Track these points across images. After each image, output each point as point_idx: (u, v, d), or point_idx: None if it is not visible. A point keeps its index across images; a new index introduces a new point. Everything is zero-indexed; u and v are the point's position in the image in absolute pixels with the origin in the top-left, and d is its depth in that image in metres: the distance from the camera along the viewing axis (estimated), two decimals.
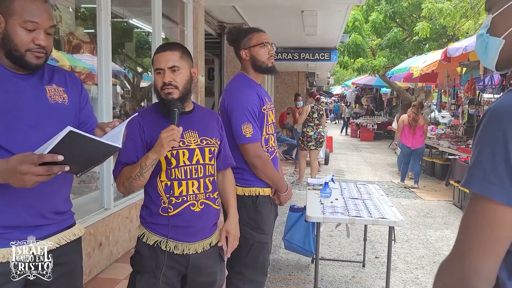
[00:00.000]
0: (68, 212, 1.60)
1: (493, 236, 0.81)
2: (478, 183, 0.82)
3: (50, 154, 1.17)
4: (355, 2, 6.25)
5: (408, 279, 3.78)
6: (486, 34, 0.97)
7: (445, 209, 6.34)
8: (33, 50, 1.39)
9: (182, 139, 1.73)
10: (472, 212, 0.84)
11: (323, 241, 4.64)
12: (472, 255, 0.83)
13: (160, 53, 1.74)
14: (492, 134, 0.82)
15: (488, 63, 0.99)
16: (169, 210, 1.73)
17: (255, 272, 2.41)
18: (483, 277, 0.82)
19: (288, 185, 2.50)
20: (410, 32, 13.24)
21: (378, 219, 2.78)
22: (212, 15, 6.99)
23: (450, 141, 8.72)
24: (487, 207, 0.81)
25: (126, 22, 6.51)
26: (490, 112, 0.84)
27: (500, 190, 0.79)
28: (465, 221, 0.86)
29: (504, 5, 0.93)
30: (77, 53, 4.42)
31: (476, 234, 0.83)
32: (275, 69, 2.45)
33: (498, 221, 0.81)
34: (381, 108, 20.68)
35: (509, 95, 0.84)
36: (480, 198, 0.82)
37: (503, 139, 0.80)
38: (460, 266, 0.84)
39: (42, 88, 1.48)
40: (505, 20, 0.93)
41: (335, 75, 30.36)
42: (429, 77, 10.70)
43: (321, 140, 7.86)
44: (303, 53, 10.94)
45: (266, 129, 2.39)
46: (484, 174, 0.81)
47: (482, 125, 0.85)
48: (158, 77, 1.74)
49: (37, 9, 1.38)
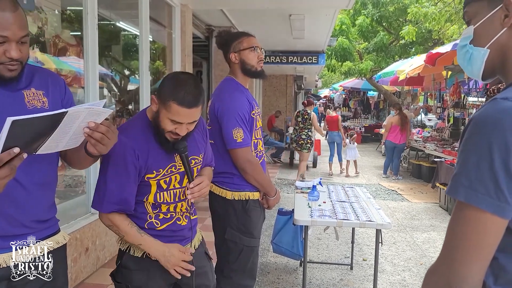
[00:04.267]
0: (51, 219, 1.55)
1: (479, 244, 0.82)
2: (464, 192, 0.83)
3: (6, 152, 1.13)
4: (342, 6, 6.30)
5: (395, 281, 3.81)
6: (469, 45, 0.99)
7: (432, 211, 6.41)
8: (5, 63, 1.33)
9: (174, 163, 1.69)
10: (458, 220, 0.85)
11: (311, 244, 4.65)
12: (458, 262, 0.84)
13: (186, 110, 1.55)
14: (477, 143, 0.83)
15: (474, 74, 1.01)
16: (156, 224, 1.72)
17: (244, 277, 2.41)
18: (470, 283, 0.83)
19: (277, 189, 2.51)
20: (397, 36, 13.41)
21: (365, 222, 2.81)
22: (200, 18, 6.99)
23: (436, 143, 8.84)
24: (472, 215, 0.82)
25: (113, 25, 6.47)
26: (474, 120, 0.85)
27: (486, 198, 0.80)
28: (451, 228, 0.87)
29: (485, 16, 0.95)
30: (63, 55, 4.38)
31: (462, 241, 0.84)
32: (264, 73, 2.45)
33: (484, 229, 0.82)
34: (368, 111, 20.85)
35: (492, 104, 0.85)
36: (466, 206, 0.83)
37: (488, 148, 0.80)
38: (447, 272, 0.85)
39: (20, 93, 1.42)
40: (488, 30, 0.95)
41: (323, 78, 30.52)
42: (415, 81, 10.85)
43: (300, 142, 8.14)
44: (291, 57, 10.98)
45: (255, 134, 2.40)
46: (469, 183, 0.82)
47: (467, 133, 0.86)
48: (171, 125, 1.58)
49: (5, 21, 1.29)
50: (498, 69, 0.96)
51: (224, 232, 2.35)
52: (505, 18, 0.92)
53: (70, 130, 1.27)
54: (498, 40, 0.93)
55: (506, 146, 0.79)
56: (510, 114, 0.81)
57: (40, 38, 4.29)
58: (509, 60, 0.93)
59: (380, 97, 18.69)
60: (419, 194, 7.62)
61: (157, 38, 6.30)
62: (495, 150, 0.80)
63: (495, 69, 0.96)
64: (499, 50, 0.94)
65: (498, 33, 0.93)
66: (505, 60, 0.94)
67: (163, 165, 1.67)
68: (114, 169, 1.61)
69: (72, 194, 4.29)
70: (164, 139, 1.62)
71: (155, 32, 5.89)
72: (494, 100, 0.85)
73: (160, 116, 1.59)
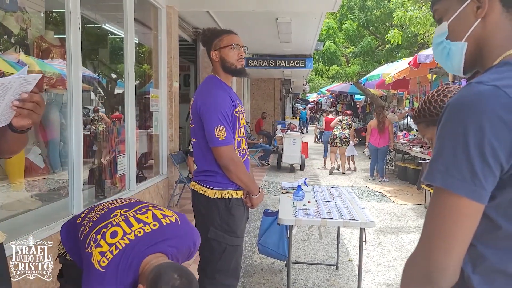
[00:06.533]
0: None
1: (455, 230, 0.82)
2: (440, 177, 0.83)
3: None
4: (328, 9, 6.34)
5: (380, 281, 3.82)
6: (446, 41, 0.99)
7: (417, 213, 6.46)
8: None
9: None
10: (435, 206, 0.85)
11: (297, 244, 4.66)
12: (437, 250, 0.84)
13: None
14: (452, 128, 0.83)
15: (454, 69, 1.01)
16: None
17: (228, 276, 2.39)
18: (449, 271, 0.84)
19: (260, 188, 2.51)
20: (383, 40, 13.54)
21: (349, 220, 2.82)
22: (187, 20, 6.98)
23: (422, 146, 8.92)
24: (449, 200, 0.82)
25: (99, 27, 6.43)
26: (450, 106, 0.85)
27: (461, 183, 0.80)
28: (429, 215, 0.87)
29: (457, 10, 0.96)
30: (47, 57, 4.34)
31: (439, 227, 0.84)
32: (245, 71, 2.45)
33: (460, 214, 0.82)
34: (355, 115, 20.99)
35: (467, 88, 0.85)
36: (443, 192, 0.83)
37: (463, 133, 0.80)
38: (425, 261, 0.85)
39: None
40: (462, 24, 0.96)
41: (310, 83, 30.63)
42: (401, 84, 10.96)
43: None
44: (279, 60, 11.03)
45: (238, 132, 2.40)
46: (445, 168, 0.82)
47: (443, 119, 0.86)
48: None
49: None
50: (476, 60, 0.97)
51: (207, 231, 2.34)
52: (478, 9, 0.93)
53: (1, 104, 1.15)
54: (473, 32, 0.94)
55: (481, 129, 0.79)
56: (484, 97, 0.81)
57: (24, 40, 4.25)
58: (484, 49, 0.94)
59: (367, 101, 18.83)
60: (405, 196, 7.68)
61: (143, 41, 6.28)
62: (470, 134, 0.80)
63: (473, 60, 0.97)
64: (475, 41, 0.95)
65: (472, 25, 0.94)
66: (481, 50, 0.95)
67: None
68: None
69: (55, 196, 4.24)
70: None
71: (141, 35, 5.87)
72: (469, 85, 0.85)
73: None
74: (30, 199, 4.09)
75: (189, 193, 3.29)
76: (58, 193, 4.32)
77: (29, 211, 3.63)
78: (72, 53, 3.41)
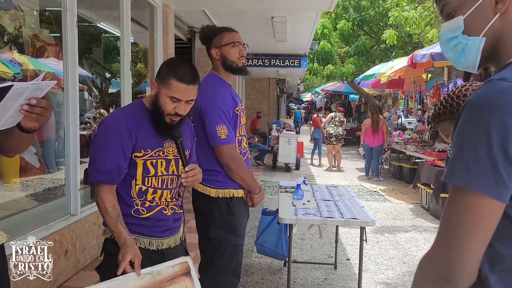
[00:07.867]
0: None
1: (476, 229, 0.80)
2: (461, 177, 0.81)
3: None
4: (324, 8, 6.34)
5: (379, 280, 3.82)
6: (462, 36, 0.95)
7: (413, 212, 6.48)
8: None
9: (162, 149, 1.76)
10: (455, 205, 0.83)
11: (295, 244, 4.64)
12: (455, 249, 0.81)
13: (185, 86, 1.69)
14: (473, 126, 0.80)
15: (468, 65, 0.97)
16: (142, 212, 1.76)
17: (228, 276, 2.37)
18: (467, 270, 0.81)
19: (261, 187, 2.49)
20: (378, 40, 13.57)
21: (350, 219, 2.80)
22: (182, 19, 6.95)
23: (417, 145, 8.94)
24: (470, 200, 0.80)
25: (94, 26, 6.38)
26: (470, 103, 0.82)
27: (484, 182, 0.78)
28: (447, 214, 0.84)
29: (474, 4, 0.93)
30: (41, 56, 4.29)
31: (459, 227, 0.81)
32: (246, 69, 2.43)
33: (481, 213, 0.80)
34: (349, 115, 21.05)
35: (489, 85, 0.82)
36: (463, 191, 0.81)
37: (485, 130, 0.78)
38: (443, 260, 0.83)
39: None
40: (480, 18, 0.92)
41: (305, 83, 30.64)
42: (396, 84, 10.98)
43: None
44: (274, 60, 11.01)
45: (239, 131, 2.37)
46: (466, 167, 0.80)
47: (462, 116, 0.83)
48: (171, 104, 1.70)
49: None
50: (491, 56, 0.94)
51: (208, 230, 2.31)
52: (496, 4, 0.90)
53: (12, 107, 1.20)
54: (491, 27, 0.92)
55: (504, 128, 0.77)
56: (508, 95, 0.78)
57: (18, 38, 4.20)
58: (501, 44, 0.92)
59: (361, 101, 18.89)
60: (401, 195, 7.70)
61: (139, 40, 6.24)
62: (493, 132, 0.77)
63: (488, 56, 0.94)
64: (492, 36, 0.92)
65: (491, 20, 0.91)
66: (498, 46, 0.92)
67: (151, 146, 1.74)
68: (106, 142, 1.68)
69: (52, 196, 4.21)
70: (163, 122, 1.70)
71: (137, 34, 5.84)
72: (491, 81, 0.83)
73: (159, 96, 1.70)
74: (25, 198, 4.05)
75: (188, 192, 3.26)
76: (54, 193, 4.29)
77: (24, 211, 3.60)
78: (69, 51, 3.38)
